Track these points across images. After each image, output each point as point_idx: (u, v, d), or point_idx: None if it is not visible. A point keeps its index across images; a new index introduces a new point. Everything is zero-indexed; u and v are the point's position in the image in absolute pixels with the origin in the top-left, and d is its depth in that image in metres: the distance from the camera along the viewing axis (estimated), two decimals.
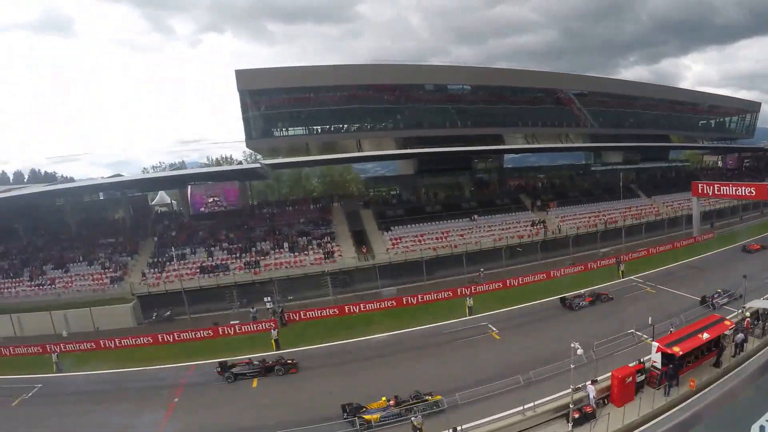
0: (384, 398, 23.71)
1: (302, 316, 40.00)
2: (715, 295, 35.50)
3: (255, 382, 29.10)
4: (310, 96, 50.69)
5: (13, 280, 49.03)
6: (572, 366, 21.03)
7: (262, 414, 24.85)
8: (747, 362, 26.52)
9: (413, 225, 54.38)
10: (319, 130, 52.71)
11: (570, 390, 21.48)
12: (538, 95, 60.80)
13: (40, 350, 38.44)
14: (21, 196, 56.13)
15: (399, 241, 50.91)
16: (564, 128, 64.31)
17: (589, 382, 22.95)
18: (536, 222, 57.87)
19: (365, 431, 21.93)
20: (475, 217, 57.21)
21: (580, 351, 20.95)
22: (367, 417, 22.31)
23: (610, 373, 23.25)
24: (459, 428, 20.14)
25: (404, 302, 41.60)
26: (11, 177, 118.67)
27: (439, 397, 23.27)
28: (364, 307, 40.88)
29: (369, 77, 52.01)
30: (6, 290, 48.01)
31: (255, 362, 30.30)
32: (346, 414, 22.88)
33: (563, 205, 64.05)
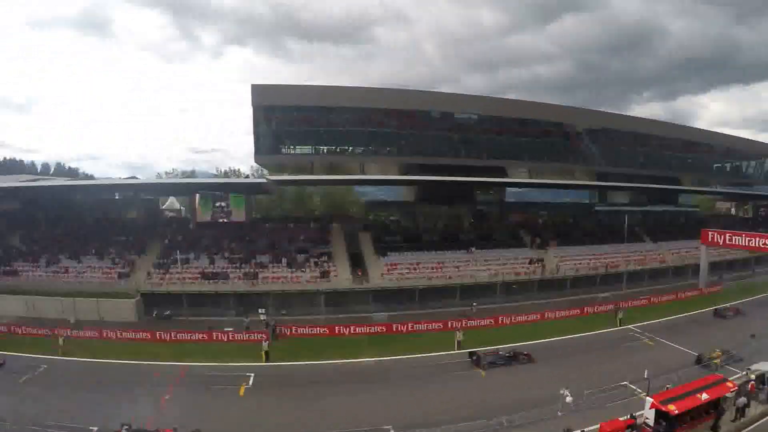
0: None
1: (294, 332, 41.26)
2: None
3: (242, 390, 30.53)
4: (319, 116, 52.55)
5: (31, 264, 53.49)
6: (559, 413, 22.02)
7: (246, 423, 26.08)
8: (748, 429, 25.22)
9: (410, 253, 55.20)
10: (325, 151, 54.49)
11: None
12: (546, 128, 60.41)
13: (49, 333, 41.48)
14: (47, 187, 61.02)
15: (395, 267, 52.05)
16: (570, 164, 64.14)
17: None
18: (534, 260, 57.80)
19: None
20: (473, 249, 57.67)
21: (569, 399, 21.99)
22: None
23: (598, 425, 22.24)
24: None
25: (394, 329, 42.17)
26: (39, 167, 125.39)
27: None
28: (353, 330, 41.85)
29: (377, 100, 53.12)
30: (24, 273, 52.49)
31: None
32: None
33: (564, 244, 63.56)
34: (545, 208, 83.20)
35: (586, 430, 22.72)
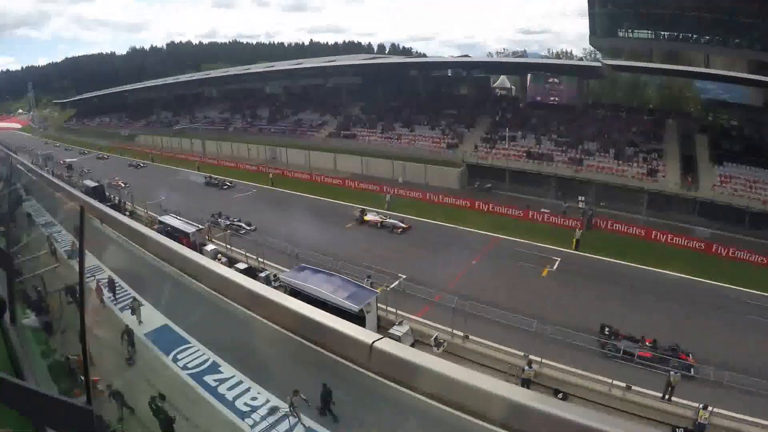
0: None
1: (608, 226, 39.55)
2: None
3: (545, 271, 31.08)
4: None
5: (369, 129, 60.86)
6: None
7: (547, 303, 26.35)
8: None
9: (749, 167, 46.23)
10: (665, 37, 49.90)
11: None
12: None
13: (378, 189, 48.56)
14: (384, 63, 67.54)
15: (728, 180, 44.86)
16: None
17: None
18: None
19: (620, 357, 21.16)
20: None
21: None
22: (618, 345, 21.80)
23: None
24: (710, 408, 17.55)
25: (713, 249, 35.64)
26: (375, 48, 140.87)
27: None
28: (670, 239, 37.67)
29: None
30: (362, 138, 60.02)
31: None
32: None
33: None
34: None
35: None
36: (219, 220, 40.31)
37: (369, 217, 40.10)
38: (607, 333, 22.96)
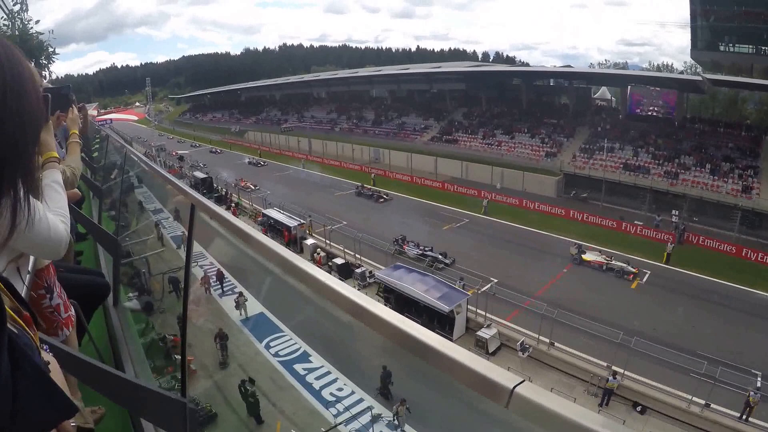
0: None
1: (700, 242, 39.42)
2: None
3: (635, 284, 31.55)
4: (765, 11, 47.76)
5: (470, 135, 65.09)
6: None
7: (634, 316, 26.35)
8: None
9: None
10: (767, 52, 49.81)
11: None
12: None
13: (476, 194, 51.25)
14: (488, 71, 71.18)
15: None
16: None
17: None
18: None
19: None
20: None
21: None
22: None
23: None
24: None
25: None
26: (479, 56, 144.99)
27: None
28: (763, 258, 35.90)
29: None
30: (463, 143, 64.18)
31: None
32: None
33: None
34: None
35: None
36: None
37: (589, 256, 34.80)
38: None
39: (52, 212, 2.31)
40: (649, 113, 57.86)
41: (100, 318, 6.02)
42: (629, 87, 59.80)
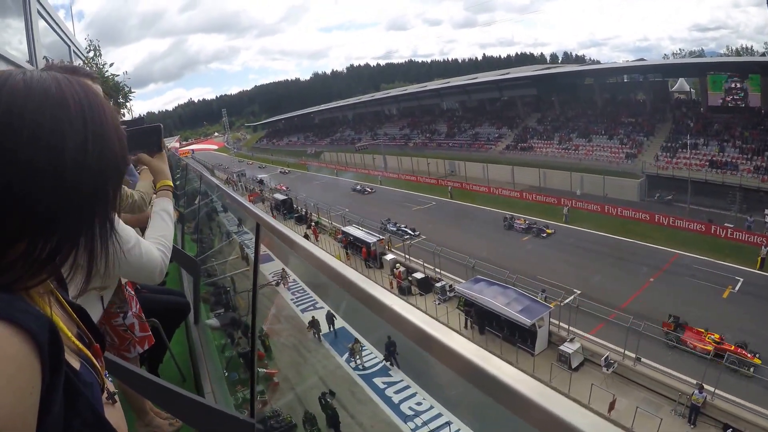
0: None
1: None
2: None
3: (726, 292, 29.55)
4: None
5: (545, 141, 65.12)
6: None
7: (726, 329, 24.80)
8: None
9: None
10: None
11: None
12: None
13: (555, 201, 51.21)
14: (558, 73, 70.85)
15: None
16: None
17: None
18: None
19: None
20: None
21: None
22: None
23: None
24: None
25: None
26: (548, 58, 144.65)
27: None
28: None
29: None
30: (538, 149, 64.25)
31: None
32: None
33: None
34: None
35: None
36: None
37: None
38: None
39: (151, 239, 2.51)
40: (733, 103, 54.16)
41: (182, 335, 6.52)
42: (708, 76, 56.85)
